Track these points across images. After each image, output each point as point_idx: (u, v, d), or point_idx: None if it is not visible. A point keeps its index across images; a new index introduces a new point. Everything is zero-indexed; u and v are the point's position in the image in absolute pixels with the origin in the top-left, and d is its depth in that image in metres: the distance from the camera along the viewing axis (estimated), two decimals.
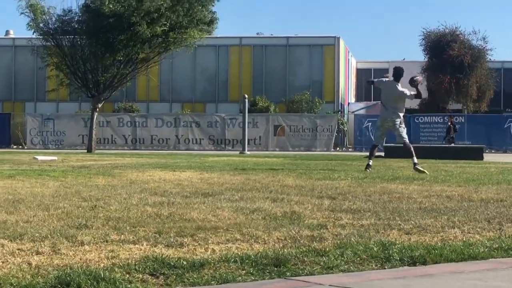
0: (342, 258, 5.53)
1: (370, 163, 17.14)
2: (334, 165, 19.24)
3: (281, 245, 6.07)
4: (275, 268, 5.22)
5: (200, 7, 35.99)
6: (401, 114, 17.53)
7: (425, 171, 15.84)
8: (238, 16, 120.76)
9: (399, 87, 17.44)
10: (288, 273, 5.11)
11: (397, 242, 6.26)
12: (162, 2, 34.41)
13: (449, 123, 41.41)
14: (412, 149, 17.04)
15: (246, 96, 41.33)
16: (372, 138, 41.22)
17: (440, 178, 14.04)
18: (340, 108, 56.71)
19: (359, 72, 68.09)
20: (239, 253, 5.66)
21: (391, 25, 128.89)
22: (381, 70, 64.56)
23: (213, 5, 37.04)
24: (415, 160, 16.66)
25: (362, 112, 55.05)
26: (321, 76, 58.64)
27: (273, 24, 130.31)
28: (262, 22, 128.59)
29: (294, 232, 6.68)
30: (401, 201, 9.56)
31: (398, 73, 17.90)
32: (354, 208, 8.61)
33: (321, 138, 43.89)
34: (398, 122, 17.36)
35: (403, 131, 17.52)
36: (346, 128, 50.71)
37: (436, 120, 45.25)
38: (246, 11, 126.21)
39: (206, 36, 39.89)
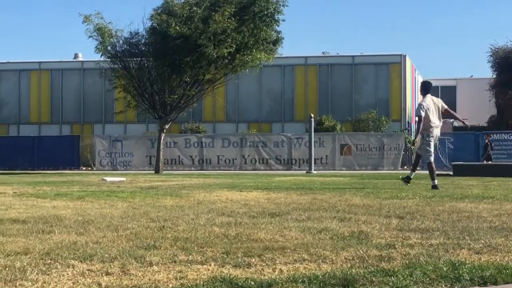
0: (411, 278, 5.48)
1: (435, 183, 17.06)
2: (401, 184, 19.06)
3: (349, 265, 6.04)
4: None
5: (265, 27, 36.09)
6: (425, 130, 17.44)
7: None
8: (303, 35, 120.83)
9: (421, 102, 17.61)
10: None
11: (467, 261, 6.17)
12: (228, 24, 34.58)
13: (486, 141, 40.82)
14: (432, 168, 17.21)
15: (312, 115, 41.33)
16: (440, 156, 40.87)
17: (511, 197, 13.81)
18: (407, 126, 56.21)
19: None
20: (306, 273, 5.64)
21: (458, 42, 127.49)
22: (448, 87, 64.07)
23: (277, 25, 37.13)
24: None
25: None
26: (388, 94, 58.16)
27: (339, 43, 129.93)
28: (328, 41, 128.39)
29: (362, 252, 6.63)
30: (471, 220, 9.41)
31: (424, 87, 17.97)
32: (423, 228, 8.51)
33: (388, 157, 43.52)
34: (420, 138, 17.44)
35: (424, 148, 17.50)
36: (413, 147, 50.12)
37: (506, 138, 44.46)
38: (311, 30, 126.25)
39: (271, 56, 39.90)
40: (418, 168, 19.27)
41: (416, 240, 7.52)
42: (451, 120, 53.75)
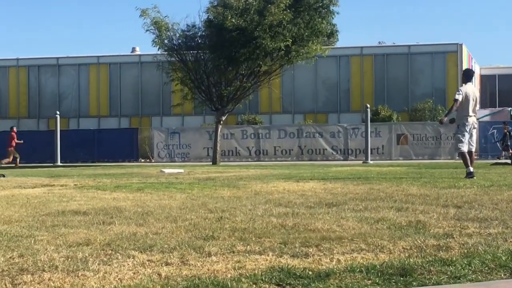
0: (470, 268, 5.43)
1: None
2: (459, 173, 18.87)
3: (406, 255, 6.00)
4: (401, 278, 5.16)
5: (320, 19, 35.96)
6: (461, 119, 17.25)
7: None
8: (359, 25, 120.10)
9: (461, 87, 17.43)
10: (414, 283, 5.04)
11: None
12: (283, 16, 34.53)
13: (505, 130, 40.58)
14: (464, 156, 17.14)
15: (368, 105, 41.12)
16: (498, 145, 40.39)
17: None
18: None
19: (483, 78, 66.50)
20: (364, 263, 5.62)
21: None
22: (505, 76, 63.12)
23: (333, 17, 36.97)
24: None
25: (487, 119, 53.72)
26: (444, 84, 57.59)
27: (395, 33, 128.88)
28: (384, 31, 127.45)
29: (419, 242, 6.59)
30: None
31: (466, 75, 17.84)
32: (481, 217, 8.41)
33: (445, 146, 43.01)
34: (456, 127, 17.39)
35: (457, 137, 17.38)
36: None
37: None
38: (367, 20, 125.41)
39: (327, 47, 39.80)
40: (475, 156, 19.05)
41: (474, 229, 7.44)
42: (509, 108, 53.06)
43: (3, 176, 22.65)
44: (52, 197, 12.77)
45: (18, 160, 40.54)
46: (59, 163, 41.97)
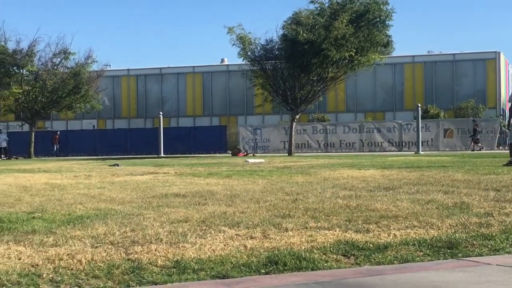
0: (508, 242, 5.35)
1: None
2: (497, 162, 18.48)
3: (453, 231, 5.91)
4: (448, 250, 5.10)
5: (377, 32, 35.61)
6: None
7: None
8: (410, 36, 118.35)
9: None
10: (460, 254, 4.99)
11: None
12: (346, 30, 34.30)
13: (474, 126, 41.71)
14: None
15: (419, 105, 40.79)
16: None
17: None
18: (501, 112, 54.49)
19: None
20: (417, 238, 5.57)
21: None
22: None
23: (388, 30, 36.54)
24: None
25: None
26: (484, 86, 56.65)
27: (441, 42, 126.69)
28: (432, 40, 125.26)
29: (464, 219, 6.49)
30: None
31: None
32: None
33: (485, 139, 42.21)
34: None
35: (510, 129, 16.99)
36: (507, 130, 48.48)
37: None
38: (417, 31, 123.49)
39: (384, 56, 39.43)
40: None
41: (511, 209, 7.29)
42: None
43: (117, 165, 23.07)
44: (157, 183, 12.94)
45: None
46: (162, 155, 42.49)
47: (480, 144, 40.86)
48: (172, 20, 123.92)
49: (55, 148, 47.98)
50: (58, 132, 49.75)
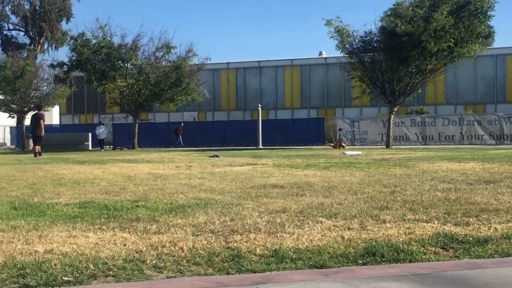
0: None
1: None
2: None
3: None
4: None
5: (479, 23, 34.70)
6: None
7: None
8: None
9: None
10: None
11: None
12: (446, 21, 33.61)
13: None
14: None
15: None
16: None
17: None
18: None
19: None
20: None
21: None
22: None
23: (489, 21, 35.53)
24: None
25: None
26: None
27: None
28: None
29: None
30: None
31: None
32: None
33: None
34: None
35: None
36: None
37: None
38: None
39: (484, 47, 38.37)
40: None
41: None
42: None
43: (217, 156, 23.39)
44: (255, 174, 13.06)
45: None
46: (260, 146, 42.79)
47: None
48: (270, 14, 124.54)
49: (179, 139, 49.16)
50: (182, 124, 50.94)
